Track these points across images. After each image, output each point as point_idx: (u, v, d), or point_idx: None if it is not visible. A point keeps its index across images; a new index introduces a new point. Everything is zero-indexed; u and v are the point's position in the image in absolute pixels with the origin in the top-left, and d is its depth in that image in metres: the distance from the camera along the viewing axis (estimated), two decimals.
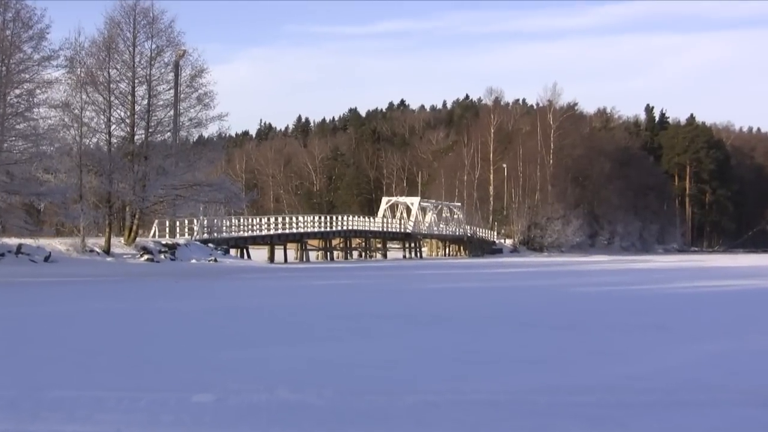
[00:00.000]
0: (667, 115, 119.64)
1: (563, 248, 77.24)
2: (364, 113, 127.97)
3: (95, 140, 35.12)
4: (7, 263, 27.64)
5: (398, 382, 6.89)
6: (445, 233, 69.98)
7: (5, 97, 29.04)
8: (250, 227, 47.82)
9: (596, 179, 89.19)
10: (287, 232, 49.96)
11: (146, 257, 32.95)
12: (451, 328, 11.10)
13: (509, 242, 76.18)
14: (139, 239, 35.62)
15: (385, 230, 61.73)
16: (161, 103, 35.77)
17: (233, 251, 43.45)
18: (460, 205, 76.21)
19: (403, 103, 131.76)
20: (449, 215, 72.28)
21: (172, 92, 35.61)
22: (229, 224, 45.40)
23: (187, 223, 41.39)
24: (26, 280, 23.35)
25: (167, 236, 39.20)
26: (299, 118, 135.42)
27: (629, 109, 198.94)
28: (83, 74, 33.73)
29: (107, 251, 32.72)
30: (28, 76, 29.77)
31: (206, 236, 40.96)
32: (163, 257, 33.97)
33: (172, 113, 35.76)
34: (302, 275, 29.09)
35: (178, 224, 41.19)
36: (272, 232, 48.70)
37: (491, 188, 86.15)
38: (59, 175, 32.48)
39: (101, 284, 22.09)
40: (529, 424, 5.43)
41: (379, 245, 62.74)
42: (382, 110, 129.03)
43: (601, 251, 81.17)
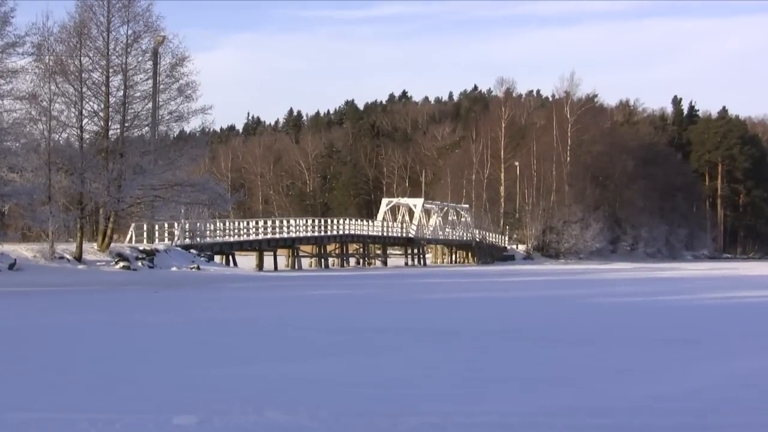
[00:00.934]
0: (696, 107, 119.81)
1: (581, 255, 77.20)
2: (362, 106, 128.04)
3: (65, 135, 35.10)
4: None
5: (400, 402, 6.90)
6: (451, 238, 69.95)
7: None
8: (236, 231, 47.78)
9: (618, 179, 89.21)
10: (277, 236, 49.95)
11: (122, 265, 32.95)
12: (458, 343, 11.11)
13: (522, 248, 76.16)
14: (113, 245, 35.61)
15: (385, 235, 61.74)
16: (138, 94, 35.77)
17: (218, 258, 43.45)
18: (467, 207, 76.23)
19: (405, 94, 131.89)
20: (456, 218, 72.28)
21: (150, 83, 35.60)
22: (213, 228, 45.38)
23: (167, 227, 41.35)
24: None
25: (145, 241, 39.17)
26: (290, 111, 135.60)
27: (655, 101, 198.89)
28: (52, 63, 33.71)
29: (79, 258, 32.70)
30: None
31: (188, 241, 40.94)
32: (140, 265, 33.99)
33: (150, 106, 35.75)
34: (294, 284, 29.09)
35: (157, 228, 41.14)
36: (261, 236, 48.68)
37: (502, 188, 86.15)
38: (25, 174, 32.43)
39: (72, 294, 22.07)
40: None
41: (378, 251, 62.72)
42: (381, 103, 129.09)
43: (623, 258, 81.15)
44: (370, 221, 64.18)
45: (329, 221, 57.05)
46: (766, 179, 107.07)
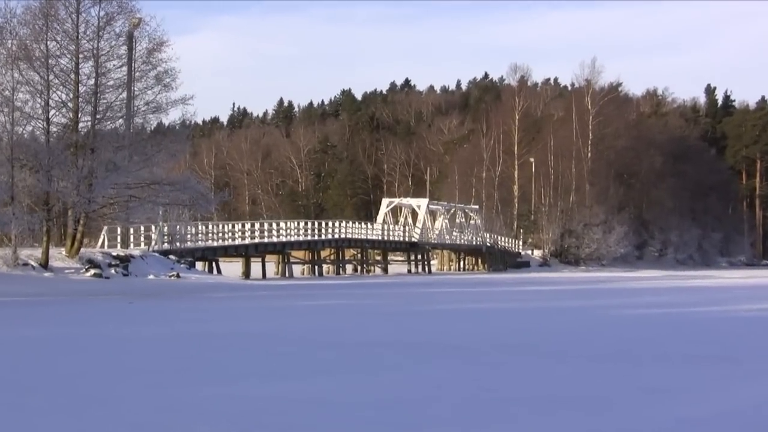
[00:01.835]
0: (732, 97, 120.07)
1: (604, 261, 77.29)
2: (360, 96, 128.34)
3: (30, 128, 35.15)
4: None
5: (402, 426, 6.88)
6: (459, 243, 70.03)
7: None
8: (220, 235, 47.82)
9: (645, 177, 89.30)
10: (266, 241, 49.99)
11: (93, 272, 32.99)
12: (466, 359, 11.10)
13: (538, 254, 76.23)
14: (84, 250, 35.64)
15: (385, 239, 61.78)
16: (111, 83, 35.85)
17: (200, 265, 43.47)
18: (477, 208, 76.33)
19: (407, 83, 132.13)
20: (464, 221, 72.35)
21: (124, 70, 35.67)
22: (194, 232, 45.43)
23: (143, 230, 41.40)
24: None
25: (119, 246, 39.22)
26: (280, 101, 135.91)
27: (686, 90, 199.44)
28: (15, 48, 33.76)
29: (45, 265, 32.72)
30: None
31: (167, 247, 40.99)
32: (113, 272, 34.02)
33: (124, 96, 35.81)
34: (285, 294, 29.12)
35: (132, 232, 41.20)
36: (248, 241, 48.72)
37: (516, 188, 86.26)
38: None
39: (37, 306, 22.06)
40: None
41: (378, 257, 62.77)
42: (381, 92, 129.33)
43: (651, 265, 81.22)
44: (368, 224, 64.23)
45: (323, 224, 57.12)
46: None
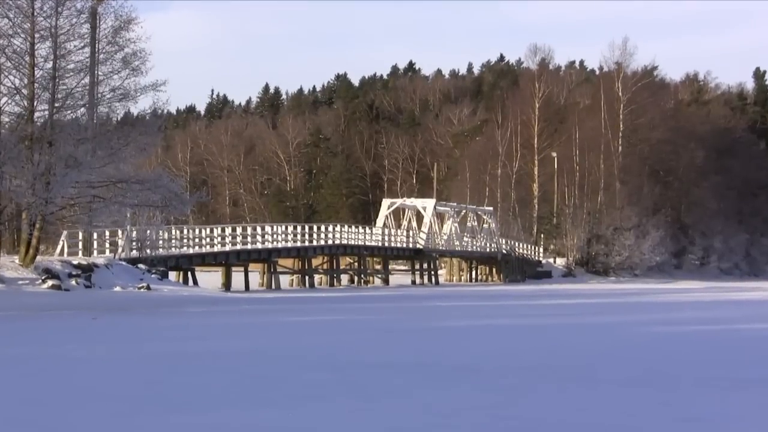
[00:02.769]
0: None
1: (637, 271, 77.26)
2: (356, 82, 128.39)
3: None
4: None
5: None
6: (470, 250, 70.00)
7: None
8: (197, 241, 47.81)
9: (684, 174, 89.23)
10: (249, 248, 49.98)
11: (51, 283, 32.96)
12: (479, 383, 11.12)
13: (561, 262, 76.22)
14: (40, 258, 35.64)
15: (386, 245, 61.77)
16: (72, 66, 35.84)
17: (173, 275, 43.43)
18: (491, 210, 76.29)
19: (411, 67, 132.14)
20: (476, 224, 72.35)
21: (87, 51, 35.68)
22: (167, 237, 45.40)
23: (108, 235, 41.36)
24: None
25: (80, 254, 39.17)
26: (266, 88, 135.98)
27: (731, 75, 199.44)
28: None
29: None
30: None
31: (135, 254, 40.97)
32: (74, 283, 33.99)
33: (86, 81, 35.81)
34: (271, 308, 29.11)
35: (96, 237, 41.16)
36: (228, 248, 48.72)
37: (535, 187, 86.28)
38: None
39: None
40: None
41: (378, 266, 62.76)
42: (382, 77, 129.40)
43: (691, 275, 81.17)
44: (367, 228, 64.21)
45: (315, 228, 57.08)
46: None
